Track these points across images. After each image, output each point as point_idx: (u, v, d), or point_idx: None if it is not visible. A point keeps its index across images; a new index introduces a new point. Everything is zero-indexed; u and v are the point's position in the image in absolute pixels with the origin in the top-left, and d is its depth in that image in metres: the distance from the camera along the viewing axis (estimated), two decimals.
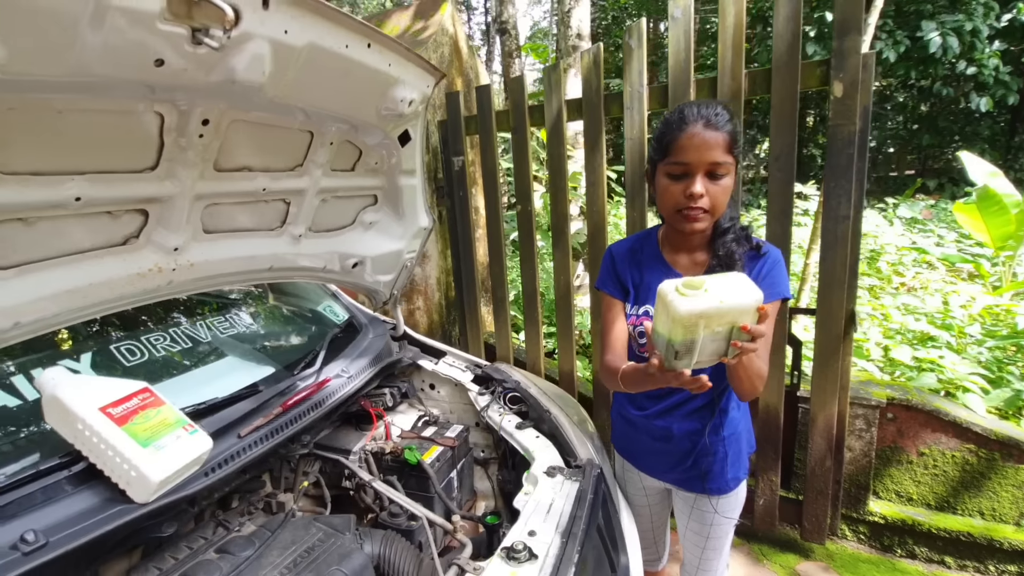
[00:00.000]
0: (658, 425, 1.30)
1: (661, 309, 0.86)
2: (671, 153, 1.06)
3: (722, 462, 1.29)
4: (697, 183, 1.04)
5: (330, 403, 1.31)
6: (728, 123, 1.05)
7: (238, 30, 0.80)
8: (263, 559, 1.03)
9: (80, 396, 0.90)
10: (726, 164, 1.04)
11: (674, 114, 1.10)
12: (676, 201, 1.07)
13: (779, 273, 1.17)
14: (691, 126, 1.04)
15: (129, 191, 0.91)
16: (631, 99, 2.26)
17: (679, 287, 0.82)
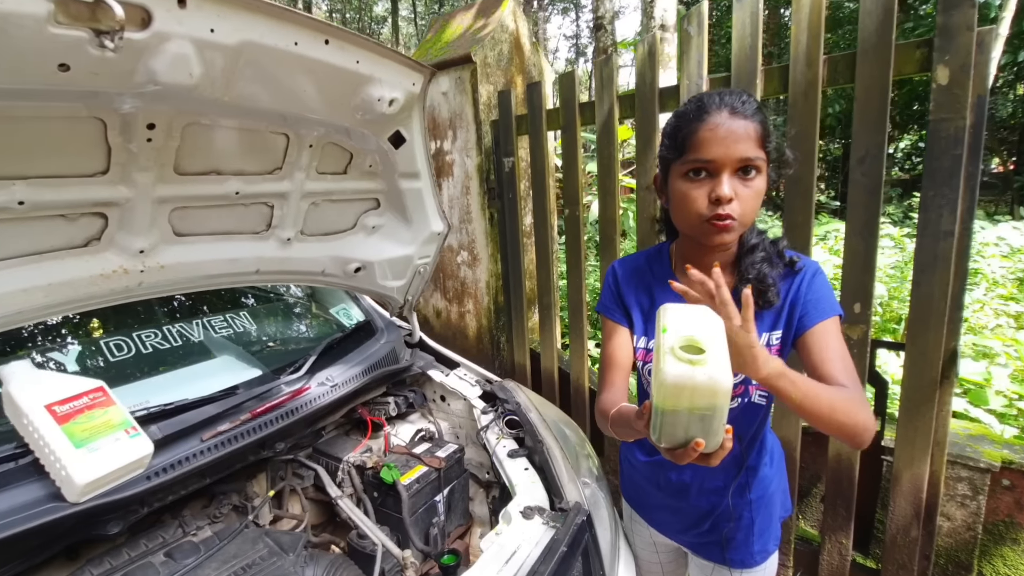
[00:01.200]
0: (670, 477, 1.11)
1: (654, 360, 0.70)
2: (690, 149, 0.86)
3: (747, 530, 1.09)
4: (725, 183, 0.84)
5: (304, 412, 1.28)
6: (758, 111, 0.86)
7: (151, 30, 0.77)
8: (200, 569, 1.02)
9: (29, 391, 0.93)
10: (758, 160, 0.85)
11: (690, 104, 0.90)
12: (699, 208, 0.87)
13: (823, 287, 0.95)
14: (714, 115, 0.85)
15: (80, 195, 0.93)
16: (688, 93, 2.01)
17: (675, 349, 0.65)
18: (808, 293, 0.94)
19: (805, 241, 1.83)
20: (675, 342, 0.66)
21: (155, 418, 1.10)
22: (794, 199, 1.83)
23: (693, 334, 0.67)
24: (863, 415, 0.81)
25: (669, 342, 0.67)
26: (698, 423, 0.66)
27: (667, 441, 0.69)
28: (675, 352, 0.65)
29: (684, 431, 0.67)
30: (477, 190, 2.86)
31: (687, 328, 0.68)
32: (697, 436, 0.67)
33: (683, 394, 0.64)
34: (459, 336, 3.18)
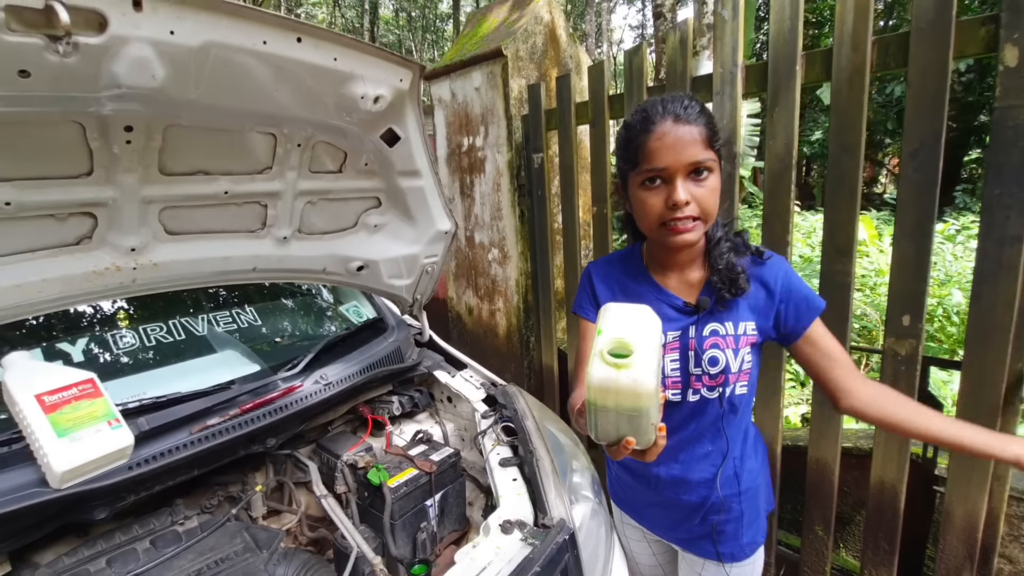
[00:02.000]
0: (658, 473, 1.13)
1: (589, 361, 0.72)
2: (642, 160, 0.92)
3: (737, 522, 1.12)
4: (679, 189, 0.89)
5: (294, 409, 1.29)
6: (700, 115, 0.91)
7: (107, 34, 0.78)
8: (177, 559, 1.05)
9: (22, 381, 0.99)
10: (708, 161, 0.90)
11: (636, 115, 0.95)
12: (658, 214, 0.92)
13: (801, 282, 1.02)
14: (659, 125, 0.90)
15: (66, 196, 0.97)
16: (722, 82, 1.86)
17: (605, 353, 0.68)
18: (792, 291, 1.00)
19: (848, 243, 1.66)
20: (604, 345, 0.69)
21: (145, 410, 1.14)
22: (837, 197, 1.66)
23: (624, 336, 0.69)
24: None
25: (599, 345, 0.69)
26: (627, 422, 0.69)
27: (601, 437, 0.72)
28: (603, 355, 0.68)
29: (615, 429, 0.70)
30: (507, 187, 2.81)
31: (620, 330, 0.70)
32: (627, 434, 0.69)
33: (608, 396, 0.66)
34: (489, 334, 3.15)
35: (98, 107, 0.88)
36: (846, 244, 1.67)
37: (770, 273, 1.02)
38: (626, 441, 0.69)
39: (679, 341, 1.02)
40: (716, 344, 1.01)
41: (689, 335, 1.02)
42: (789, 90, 1.71)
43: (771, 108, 1.77)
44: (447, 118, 3.09)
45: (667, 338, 1.02)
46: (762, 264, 1.02)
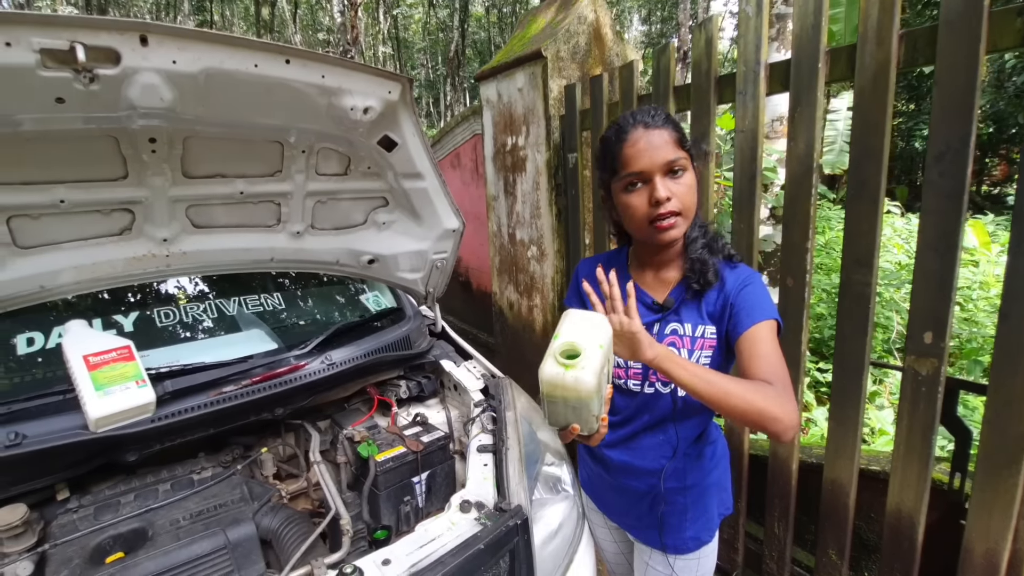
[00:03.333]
0: (612, 456, 1.20)
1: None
2: (621, 167, 1.01)
3: (680, 515, 1.17)
4: (659, 186, 0.97)
5: (296, 384, 1.47)
6: (667, 120, 1.01)
7: (121, 66, 0.97)
8: (186, 501, 1.26)
9: (75, 344, 1.23)
10: (680, 159, 0.98)
11: (610, 129, 1.06)
12: (644, 213, 1.00)
13: (757, 294, 1.03)
14: (631, 133, 1.00)
15: (109, 195, 1.19)
16: (745, 81, 1.80)
17: (557, 355, 0.82)
18: (740, 299, 1.02)
19: (868, 253, 1.55)
20: (558, 347, 0.83)
21: (172, 375, 1.36)
22: (858, 204, 1.56)
23: (575, 341, 0.83)
24: (767, 404, 0.86)
25: (554, 347, 0.83)
26: (573, 412, 0.82)
27: (552, 423, 0.87)
28: (556, 356, 0.81)
29: (563, 417, 0.84)
30: (546, 185, 2.87)
31: (574, 334, 0.84)
32: (573, 422, 0.84)
33: (556, 390, 0.80)
34: (527, 330, 3.24)
35: (127, 123, 1.08)
36: (866, 255, 1.57)
37: (732, 278, 1.06)
38: (572, 427, 0.85)
39: None
40: (673, 343, 1.08)
41: (652, 331, 1.09)
42: (812, 89, 1.62)
43: (792, 108, 1.68)
44: (494, 118, 3.20)
45: None
46: (733, 267, 1.07)
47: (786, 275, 1.79)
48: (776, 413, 0.86)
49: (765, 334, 0.98)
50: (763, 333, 0.98)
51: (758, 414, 0.86)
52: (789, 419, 0.86)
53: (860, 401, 1.65)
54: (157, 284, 1.62)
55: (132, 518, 1.19)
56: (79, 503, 1.24)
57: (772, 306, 1.02)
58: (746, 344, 0.98)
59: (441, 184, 1.63)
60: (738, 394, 0.87)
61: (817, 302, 4.22)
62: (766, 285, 1.10)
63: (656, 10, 24.20)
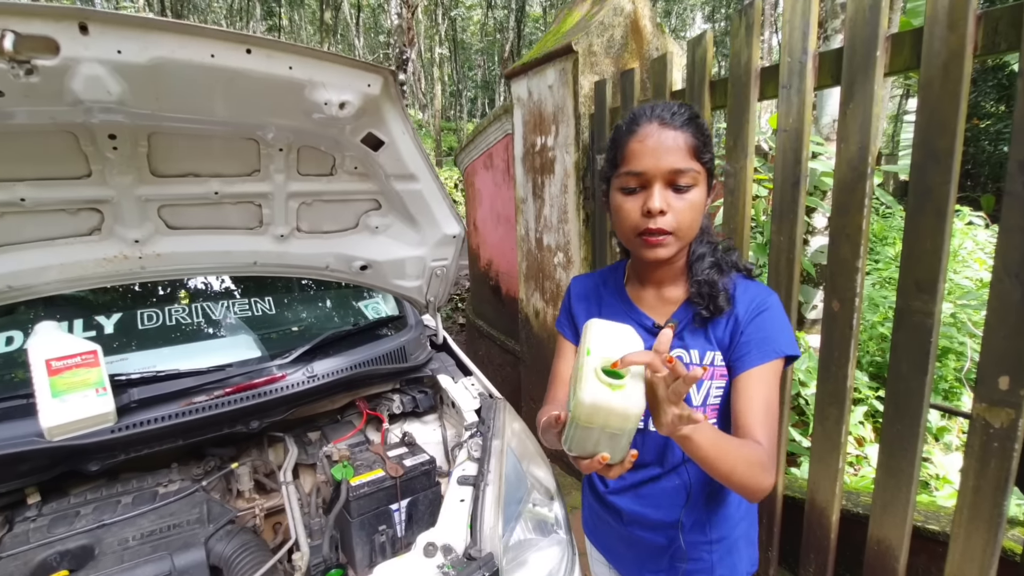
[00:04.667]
0: (623, 507, 1.05)
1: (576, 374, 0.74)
2: (622, 162, 0.88)
3: (707, 573, 1.02)
4: (655, 195, 0.84)
5: (272, 397, 1.38)
6: (689, 122, 0.85)
7: (60, 57, 0.89)
8: (142, 517, 1.19)
9: (41, 346, 1.18)
10: (690, 172, 0.84)
11: (626, 118, 0.91)
12: (633, 221, 0.87)
13: (773, 323, 0.90)
14: (643, 127, 0.86)
15: (72, 194, 1.14)
16: (790, 73, 1.57)
17: (598, 370, 0.69)
18: (752, 328, 0.89)
19: (932, 276, 1.30)
20: (597, 363, 0.69)
21: (142, 382, 1.30)
22: (920, 218, 1.31)
23: (614, 357, 0.70)
24: (762, 478, 0.79)
25: (592, 362, 0.69)
26: (607, 440, 0.70)
27: (575, 451, 0.72)
28: (597, 374, 0.68)
29: (593, 445, 0.71)
30: (574, 189, 2.70)
31: (610, 350, 0.71)
32: (604, 451, 0.71)
33: (598, 415, 0.67)
34: (551, 340, 3.07)
35: (80, 118, 1.02)
36: (929, 278, 1.31)
37: (745, 301, 0.92)
38: (601, 456, 0.70)
39: None
40: None
41: None
42: (867, 81, 1.38)
43: (844, 103, 1.45)
44: (524, 117, 3.05)
45: None
46: (744, 288, 0.93)
47: (831, 297, 1.54)
48: (765, 486, 0.80)
49: (770, 376, 0.87)
50: (768, 375, 0.87)
51: (750, 490, 0.80)
52: (766, 489, 0.81)
53: (916, 451, 1.40)
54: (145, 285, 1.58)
55: (82, 533, 1.13)
56: (38, 512, 1.20)
57: (788, 335, 0.90)
58: (746, 384, 0.87)
59: (438, 186, 1.50)
60: (743, 472, 0.78)
61: (882, 320, 3.82)
62: (782, 306, 0.93)
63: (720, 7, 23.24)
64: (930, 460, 2.38)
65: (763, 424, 0.84)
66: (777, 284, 1.68)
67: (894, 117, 10.05)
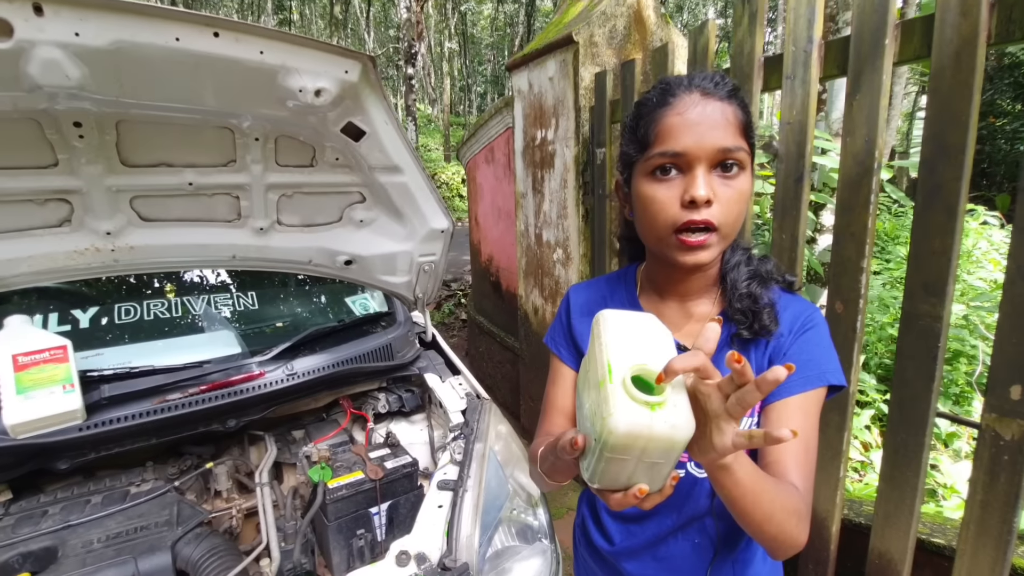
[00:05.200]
0: (629, 570, 0.86)
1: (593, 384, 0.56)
2: (655, 141, 0.69)
3: None
4: (700, 181, 0.66)
5: (252, 394, 1.34)
6: (733, 94, 0.70)
7: (14, 39, 0.85)
8: (110, 518, 1.15)
9: (9, 341, 1.15)
10: (740, 152, 0.68)
11: (654, 89, 0.74)
12: (671, 214, 0.68)
13: (822, 341, 0.76)
14: (682, 98, 0.68)
15: (38, 184, 1.10)
16: (794, 63, 1.50)
17: (628, 385, 0.51)
18: (795, 349, 0.74)
19: (940, 278, 1.23)
20: (626, 373, 0.52)
21: (114, 379, 1.27)
22: (929, 216, 1.24)
23: (647, 362, 0.53)
24: (798, 531, 0.64)
25: (620, 372, 0.52)
26: (646, 470, 0.54)
27: (604, 484, 0.56)
28: (628, 390, 0.50)
29: (627, 477, 0.54)
30: (573, 183, 2.63)
31: (638, 352, 0.54)
32: (641, 482, 0.54)
33: (636, 443, 0.50)
34: None
35: (47, 104, 0.98)
36: (937, 280, 1.24)
37: (789, 318, 0.76)
38: (639, 490, 0.54)
39: None
40: None
41: None
42: (875, 71, 1.31)
43: (851, 95, 1.37)
44: (524, 110, 2.99)
45: None
46: (785, 304, 0.77)
47: (835, 298, 1.47)
48: (798, 542, 0.65)
49: (812, 407, 0.71)
50: (810, 406, 0.71)
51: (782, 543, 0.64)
52: (801, 544, 0.65)
53: (921, 460, 1.33)
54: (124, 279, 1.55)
55: (47, 534, 1.10)
56: (5, 511, 1.17)
57: (834, 362, 0.74)
58: (783, 414, 0.71)
59: (425, 179, 1.45)
60: (778, 521, 0.62)
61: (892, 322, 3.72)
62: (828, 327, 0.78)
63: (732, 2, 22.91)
64: (938, 468, 2.30)
65: (801, 465, 0.69)
66: None
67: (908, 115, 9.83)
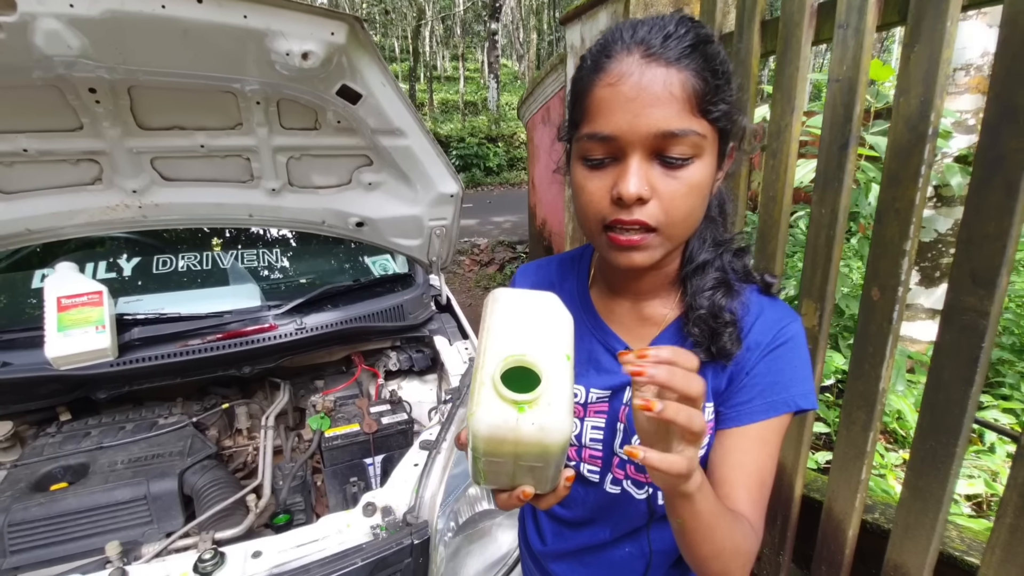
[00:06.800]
0: (556, 571, 0.82)
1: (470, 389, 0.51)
2: (584, 119, 0.57)
3: None
4: (632, 175, 0.53)
5: (264, 344, 1.45)
6: (691, 52, 0.52)
7: (18, 13, 0.93)
8: (133, 445, 1.31)
9: (54, 284, 1.32)
10: (689, 136, 0.53)
11: (595, 45, 0.59)
12: (599, 209, 0.57)
13: (796, 359, 0.64)
14: (617, 61, 0.53)
15: (69, 145, 1.22)
16: (848, 10, 1.29)
17: (498, 383, 0.45)
18: (762, 368, 0.63)
19: (992, 267, 1.04)
20: (496, 369, 0.46)
21: (145, 323, 1.42)
22: (984, 193, 1.05)
23: (525, 353, 0.47)
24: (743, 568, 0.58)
25: (488, 367, 0.46)
26: (527, 472, 0.49)
27: (489, 483, 0.52)
28: (496, 387, 0.45)
29: (510, 478, 0.50)
30: None
31: (517, 343, 0.48)
32: (525, 484, 0.50)
33: (504, 446, 0.45)
34: None
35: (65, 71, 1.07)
36: (987, 270, 1.06)
37: (760, 332, 0.64)
38: (523, 492, 0.50)
39: (608, 404, 0.70)
40: None
41: (623, 399, 0.69)
42: (938, 16, 1.10)
43: (909, 46, 1.16)
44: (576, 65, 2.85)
45: (591, 397, 0.70)
46: (759, 314, 0.65)
47: (871, 284, 1.30)
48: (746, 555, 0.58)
49: (773, 436, 0.63)
50: (771, 435, 0.63)
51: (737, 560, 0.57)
52: None
53: (949, 471, 1.17)
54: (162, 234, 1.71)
55: (83, 452, 1.27)
56: (58, 429, 1.37)
57: (807, 382, 0.64)
58: (740, 443, 0.62)
59: (431, 142, 1.44)
60: (726, 557, 0.56)
61: None
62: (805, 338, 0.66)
63: None
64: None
65: (756, 501, 0.61)
66: (813, 266, 1.45)
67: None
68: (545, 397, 0.44)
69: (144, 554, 1.05)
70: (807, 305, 1.46)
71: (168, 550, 1.07)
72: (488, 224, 8.73)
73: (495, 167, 13.73)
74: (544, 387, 0.45)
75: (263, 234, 1.83)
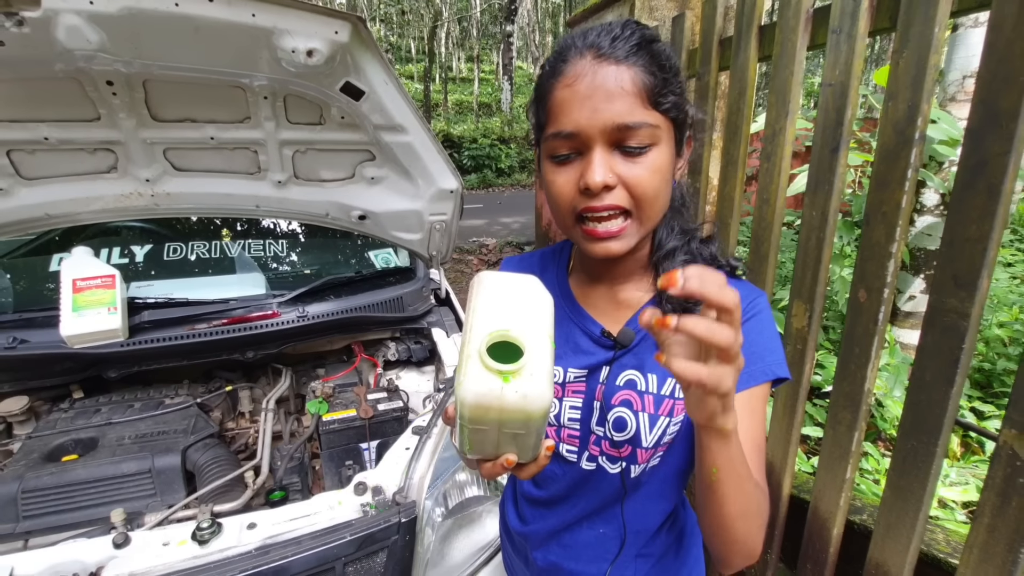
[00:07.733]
0: (535, 557, 0.84)
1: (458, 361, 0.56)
2: (548, 119, 0.63)
3: None
4: (596, 165, 0.59)
5: (265, 331, 1.50)
6: (638, 51, 0.59)
7: (42, 9, 1.00)
8: (139, 422, 1.38)
9: (71, 267, 1.39)
10: (644, 128, 0.58)
11: (553, 53, 0.66)
12: (568, 201, 0.63)
13: (765, 331, 0.68)
14: (572, 64, 0.60)
15: (87, 135, 1.29)
16: (841, 15, 1.31)
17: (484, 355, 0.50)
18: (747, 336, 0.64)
19: (973, 269, 1.06)
20: (482, 342, 0.50)
21: (155, 307, 1.48)
22: (968, 195, 1.07)
23: (509, 328, 0.51)
24: (760, 537, 0.60)
25: (475, 341, 0.51)
26: (510, 440, 0.54)
27: (474, 453, 0.57)
28: (482, 358, 0.50)
29: (494, 447, 0.55)
30: None
31: (502, 319, 0.52)
32: (508, 452, 0.55)
33: (490, 413, 0.50)
34: None
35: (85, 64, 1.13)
36: (969, 272, 1.08)
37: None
38: (506, 460, 0.54)
39: (585, 383, 0.74)
40: (628, 401, 0.72)
41: (599, 379, 0.73)
42: (927, 20, 1.12)
43: (898, 51, 1.19)
44: None
45: (569, 377, 0.75)
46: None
47: (859, 285, 1.32)
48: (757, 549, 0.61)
49: (758, 404, 0.66)
50: (756, 403, 0.66)
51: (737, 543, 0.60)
52: (756, 556, 0.62)
53: (930, 471, 1.19)
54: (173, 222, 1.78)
55: (94, 427, 1.34)
56: (70, 405, 1.44)
57: (778, 351, 0.68)
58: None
59: (432, 139, 1.49)
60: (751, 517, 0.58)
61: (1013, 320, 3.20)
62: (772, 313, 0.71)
63: None
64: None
65: (758, 467, 0.64)
66: (803, 269, 1.47)
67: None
68: (528, 368, 0.49)
69: (147, 522, 1.11)
70: (797, 306, 1.48)
71: (169, 520, 1.13)
72: (497, 224, 8.78)
73: (507, 168, 13.80)
74: (526, 359, 0.49)
75: (270, 226, 1.89)
